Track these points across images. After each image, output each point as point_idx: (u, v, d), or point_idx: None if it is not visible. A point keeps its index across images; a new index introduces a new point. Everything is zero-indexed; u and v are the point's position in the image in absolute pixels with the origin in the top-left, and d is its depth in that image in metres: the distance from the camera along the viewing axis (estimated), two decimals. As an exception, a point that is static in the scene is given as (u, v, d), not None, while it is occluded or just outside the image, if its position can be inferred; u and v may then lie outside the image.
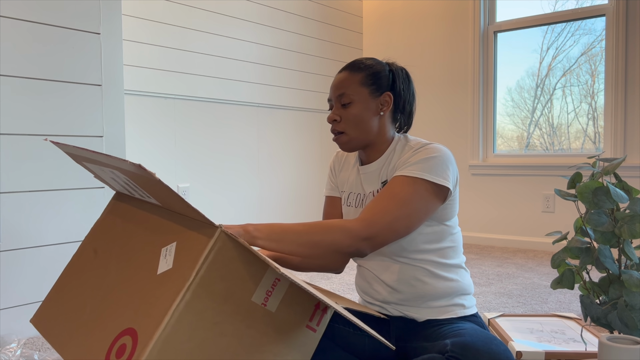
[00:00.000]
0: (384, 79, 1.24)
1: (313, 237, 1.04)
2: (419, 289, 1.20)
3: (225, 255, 0.83)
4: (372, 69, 1.24)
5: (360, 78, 1.22)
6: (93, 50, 2.06)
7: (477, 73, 3.76)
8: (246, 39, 3.36)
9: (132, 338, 0.82)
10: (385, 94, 1.23)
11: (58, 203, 1.97)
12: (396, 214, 1.09)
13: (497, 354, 0.97)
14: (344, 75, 1.24)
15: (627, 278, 1.41)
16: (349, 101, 1.21)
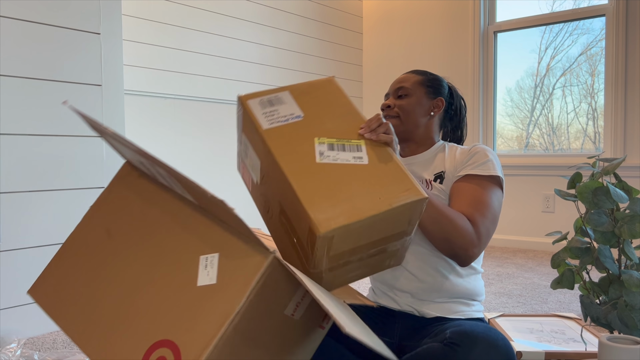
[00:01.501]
0: (441, 87, 1.38)
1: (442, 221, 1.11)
2: (438, 281, 1.21)
3: (273, 279, 0.85)
4: (432, 75, 1.39)
5: (420, 79, 1.36)
6: (93, 50, 2.06)
7: (477, 73, 3.76)
8: (246, 39, 3.36)
9: (172, 353, 0.81)
10: (438, 98, 1.35)
11: (58, 203, 1.97)
12: (490, 218, 1.18)
13: (495, 340, 0.98)
14: (406, 75, 1.37)
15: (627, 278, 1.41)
16: (405, 94, 1.32)
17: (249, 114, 1.04)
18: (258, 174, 1.07)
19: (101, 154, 2.09)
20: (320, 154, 0.99)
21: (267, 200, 1.06)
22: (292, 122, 1.04)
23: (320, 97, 1.11)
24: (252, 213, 3.62)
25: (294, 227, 0.96)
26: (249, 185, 1.16)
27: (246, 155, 1.11)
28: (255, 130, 1.02)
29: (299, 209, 0.91)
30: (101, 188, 2.09)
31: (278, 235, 1.06)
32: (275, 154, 0.97)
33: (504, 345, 0.99)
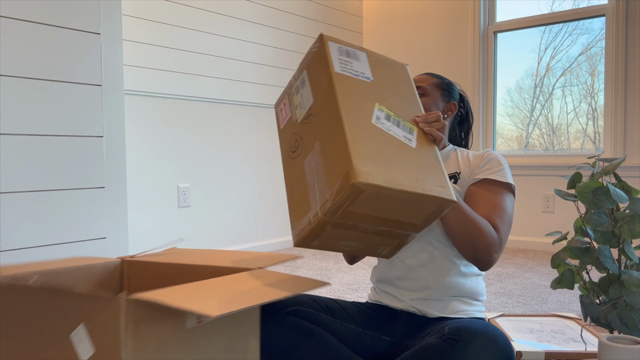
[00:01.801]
0: (455, 92, 1.44)
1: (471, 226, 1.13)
2: (442, 280, 1.22)
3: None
4: (447, 80, 1.44)
5: (437, 82, 1.41)
6: (93, 50, 2.06)
7: (477, 73, 3.76)
8: (246, 39, 3.36)
9: None
10: (452, 102, 1.40)
11: (58, 203, 1.97)
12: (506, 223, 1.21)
13: (493, 336, 0.98)
14: (422, 76, 1.42)
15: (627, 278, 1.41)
16: (423, 93, 1.36)
17: (324, 53, 1.04)
18: (303, 112, 1.06)
19: (101, 154, 2.09)
20: (377, 118, 1.01)
21: (300, 140, 1.05)
22: (361, 79, 1.05)
23: (391, 73, 1.13)
24: (252, 213, 3.63)
25: (325, 169, 0.95)
26: (283, 122, 1.14)
27: (297, 92, 1.10)
28: (325, 69, 1.02)
29: (341, 153, 0.92)
30: (101, 188, 2.09)
31: (295, 176, 1.05)
32: (338, 96, 0.97)
33: (503, 340, 0.99)
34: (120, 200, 2.16)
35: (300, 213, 1.00)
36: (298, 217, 1.00)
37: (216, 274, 1.06)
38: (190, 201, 3.06)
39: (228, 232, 3.29)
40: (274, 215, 3.60)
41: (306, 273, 2.86)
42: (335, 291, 2.47)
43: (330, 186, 0.93)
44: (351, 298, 2.34)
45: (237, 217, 3.35)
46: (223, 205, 3.26)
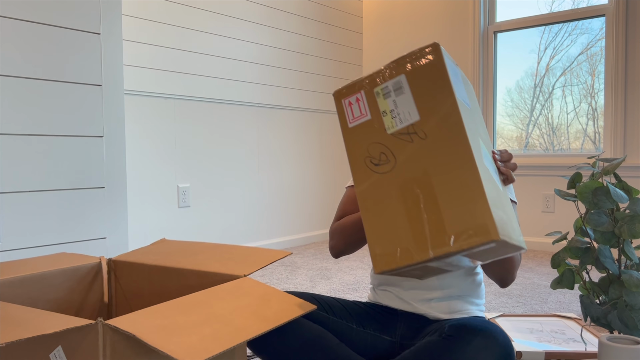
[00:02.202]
0: None
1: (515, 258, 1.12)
2: (449, 281, 1.22)
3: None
4: None
5: None
6: (93, 50, 2.06)
7: (477, 73, 3.76)
8: (246, 39, 3.36)
9: None
10: None
11: (58, 203, 1.97)
12: None
13: (493, 333, 0.98)
14: None
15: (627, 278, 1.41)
16: None
17: (442, 70, 0.93)
18: (400, 126, 0.96)
19: (101, 154, 2.09)
20: (482, 155, 0.95)
21: (390, 155, 0.96)
22: (466, 106, 0.97)
23: (472, 94, 1.06)
24: (252, 213, 3.62)
25: (443, 208, 0.88)
26: (354, 120, 1.02)
27: (386, 95, 0.98)
28: (445, 91, 0.91)
29: (472, 199, 0.86)
30: (101, 188, 2.09)
31: (380, 195, 0.96)
32: (468, 133, 0.89)
33: (503, 338, 0.99)
34: (120, 200, 2.16)
35: (388, 240, 0.92)
36: (384, 243, 0.93)
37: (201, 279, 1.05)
38: (190, 201, 3.06)
39: (228, 232, 3.29)
40: (274, 216, 3.60)
41: (306, 273, 2.86)
42: (335, 291, 2.47)
43: (452, 229, 0.86)
44: (351, 298, 2.34)
45: (237, 217, 3.35)
46: (223, 205, 3.26)
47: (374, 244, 0.94)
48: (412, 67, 0.96)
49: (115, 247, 2.10)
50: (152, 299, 1.14)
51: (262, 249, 1.19)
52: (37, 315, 0.77)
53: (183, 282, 1.11)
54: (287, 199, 3.71)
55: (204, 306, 0.83)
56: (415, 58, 0.96)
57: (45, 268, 1.11)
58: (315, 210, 3.93)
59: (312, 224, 3.92)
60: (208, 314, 0.81)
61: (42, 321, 0.74)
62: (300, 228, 3.83)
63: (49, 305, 1.10)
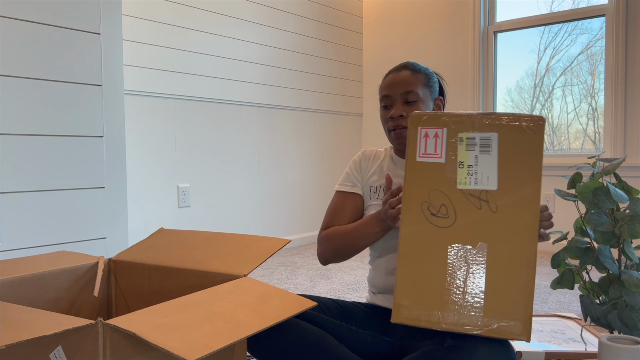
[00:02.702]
0: (436, 84, 1.33)
1: None
2: None
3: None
4: (428, 72, 1.32)
5: (423, 79, 1.29)
6: (93, 50, 2.06)
7: (477, 73, 3.76)
8: (246, 39, 3.36)
9: None
10: (438, 98, 1.32)
11: (58, 203, 1.97)
12: None
13: (496, 343, 0.97)
14: (407, 74, 1.28)
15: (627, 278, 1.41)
16: (415, 99, 1.25)
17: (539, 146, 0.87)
18: (472, 185, 0.89)
19: (101, 154, 2.09)
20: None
21: (452, 210, 0.89)
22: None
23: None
24: (252, 213, 3.62)
25: (487, 290, 0.86)
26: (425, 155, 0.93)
27: (470, 146, 0.90)
28: (532, 168, 0.86)
29: (518, 296, 0.86)
30: (101, 188, 2.09)
31: (427, 247, 0.90)
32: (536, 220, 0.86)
33: (505, 347, 0.98)
34: (120, 200, 2.16)
35: (419, 296, 0.89)
36: (414, 297, 0.89)
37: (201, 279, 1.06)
38: (190, 201, 3.06)
39: (228, 232, 3.29)
40: (274, 215, 3.60)
41: (306, 273, 2.86)
42: (335, 291, 2.47)
43: (489, 314, 0.85)
44: (351, 298, 2.34)
45: (237, 217, 3.35)
46: (223, 205, 3.26)
47: (402, 293, 0.89)
48: (509, 130, 0.88)
49: (115, 247, 2.10)
50: (151, 299, 1.15)
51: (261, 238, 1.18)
52: (37, 315, 0.77)
53: (183, 282, 1.11)
54: (287, 199, 3.71)
55: (204, 305, 0.83)
56: (516, 122, 0.88)
57: (44, 267, 1.12)
58: (315, 210, 3.92)
59: (312, 224, 3.92)
60: (208, 311, 0.81)
61: (42, 322, 0.74)
62: (300, 228, 3.83)
63: (48, 305, 1.10)
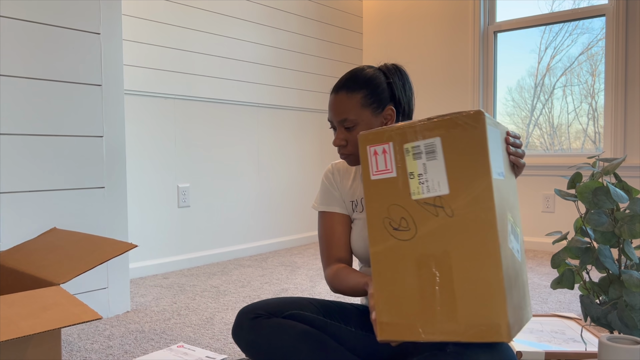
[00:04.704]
0: (383, 92, 1.20)
1: None
2: None
3: None
4: (371, 85, 1.19)
5: (360, 99, 1.18)
6: (93, 50, 2.06)
7: (477, 73, 3.76)
8: (246, 39, 3.36)
9: None
10: (387, 108, 1.21)
11: (58, 203, 1.97)
12: None
13: (498, 350, 0.97)
14: (342, 98, 1.19)
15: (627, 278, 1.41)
16: (353, 125, 1.18)
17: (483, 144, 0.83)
18: (426, 194, 0.87)
19: (101, 154, 2.09)
20: (510, 239, 0.87)
21: (411, 223, 0.89)
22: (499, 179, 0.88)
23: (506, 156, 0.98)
24: (253, 213, 3.61)
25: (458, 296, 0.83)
26: (377, 173, 0.93)
27: (417, 156, 0.89)
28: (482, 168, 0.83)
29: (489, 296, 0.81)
30: (101, 188, 2.09)
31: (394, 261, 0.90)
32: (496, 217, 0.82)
33: (507, 354, 0.98)
34: (120, 200, 2.16)
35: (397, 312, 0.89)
36: (393, 313, 0.89)
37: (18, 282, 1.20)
38: (190, 201, 3.06)
39: (228, 232, 3.29)
40: (274, 215, 3.60)
41: (306, 273, 2.86)
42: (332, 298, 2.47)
43: (464, 320, 0.83)
44: (351, 298, 2.34)
45: (237, 217, 3.35)
46: (223, 205, 3.26)
47: (381, 311, 0.89)
48: (450, 131, 0.86)
49: (115, 247, 2.10)
50: None
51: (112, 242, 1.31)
52: None
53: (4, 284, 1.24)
54: (287, 199, 3.71)
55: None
56: (455, 122, 0.86)
57: None
58: (315, 210, 3.92)
59: (312, 223, 3.92)
60: None
61: None
62: (300, 228, 3.83)
63: None
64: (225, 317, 2.06)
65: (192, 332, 1.88)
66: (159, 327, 1.95)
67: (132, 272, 2.74)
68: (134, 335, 1.87)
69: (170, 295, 2.41)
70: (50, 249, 1.35)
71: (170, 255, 2.97)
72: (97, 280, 2.07)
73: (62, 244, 1.38)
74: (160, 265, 2.90)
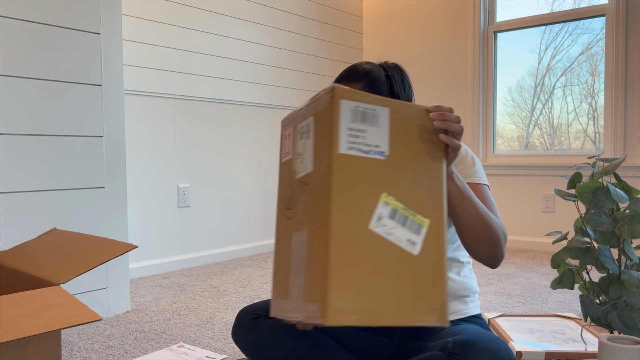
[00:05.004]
0: (382, 85, 1.22)
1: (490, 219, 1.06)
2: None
3: None
4: (369, 76, 1.21)
5: (360, 89, 1.19)
6: (93, 50, 2.06)
7: (477, 73, 3.76)
8: (246, 39, 3.36)
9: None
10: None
11: (58, 203, 1.97)
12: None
13: (498, 352, 0.97)
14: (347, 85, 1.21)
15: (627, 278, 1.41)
16: None
17: (333, 119, 0.83)
18: (301, 173, 0.89)
19: (101, 154, 2.09)
20: (378, 219, 0.83)
21: (294, 203, 0.91)
22: (372, 158, 0.85)
23: (416, 135, 0.90)
24: (253, 213, 3.61)
25: (307, 273, 0.83)
26: (284, 155, 0.96)
27: (301, 136, 0.91)
28: (328, 145, 0.83)
29: (320, 273, 0.79)
30: (101, 188, 2.09)
31: (282, 241, 0.92)
32: (333, 195, 0.80)
33: (508, 354, 0.98)
34: (120, 200, 2.16)
35: (280, 291, 0.90)
36: (278, 292, 0.91)
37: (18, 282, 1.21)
38: (190, 201, 3.06)
39: (228, 232, 3.29)
40: (274, 215, 3.60)
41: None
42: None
43: (307, 300, 0.81)
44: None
45: (237, 217, 3.35)
46: (223, 205, 3.26)
47: (273, 289, 0.92)
48: (318, 109, 0.87)
49: (115, 247, 2.10)
50: None
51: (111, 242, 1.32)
52: None
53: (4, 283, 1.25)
54: (287, 199, 3.71)
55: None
56: (320, 102, 0.87)
57: None
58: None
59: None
60: None
61: None
62: (301, 228, 3.82)
63: None
64: (225, 317, 2.06)
65: (192, 332, 1.88)
66: (159, 327, 1.95)
67: (132, 272, 2.74)
68: (134, 335, 1.87)
69: (170, 295, 2.41)
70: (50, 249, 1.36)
71: (170, 255, 2.97)
72: (97, 280, 2.07)
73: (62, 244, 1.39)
74: (160, 265, 2.90)
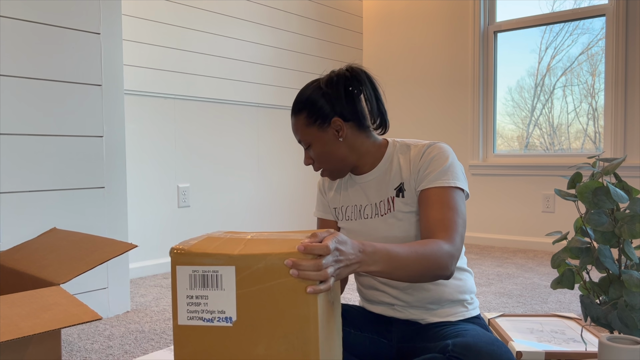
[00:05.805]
0: (323, 107, 1.22)
1: (427, 260, 1.00)
2: (430, 292, 1.19)
3: None
4: (307, 104, 1.22)
5: (304, 120, 1.21)
6: (93, 50, 2.06)
7: (477, 73, 3.76)
8: (246, 39, 3.36)
9: None
10: (333, 120, 1.20)
11: (58, 203, 1.97)
12: (460, 224, 1.09)
13: (499, 355, 0.97)
14: (293, 122, 1.24)
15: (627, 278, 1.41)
16: (308, 145, 1.22)
17: (172, 284, 0.81)
18: None
19: (101, 154, 2.09)
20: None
21: None
22: (216, 326, 0.80)
23: (274, 291, 0.78)
24: (253, 213, 3.62)
25: None
26: None
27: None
28: (174, 315, 0.81)
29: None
30: (101, 188, 2.09)
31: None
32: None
33: (508, 359, 0.98)
34: (120, 200, 2.16)
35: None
36: None
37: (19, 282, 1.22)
38: (190, 201, 3.06)
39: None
40: (274, 215, 3.60)
41: (306, 273, 2.85)
42: (335, 291, 2.47)
43: None
44: (351, 297, 2.33)
45: (237, 216, 3.35)
46: (223, 205, 3.26)
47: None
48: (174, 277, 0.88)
49: (115, 247, 2.10)
50: None
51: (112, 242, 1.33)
52: None
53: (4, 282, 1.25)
54: (288, 199, 3.71)
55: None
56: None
57: None
58: (315, 210, 3.92)
59: (313, 223, 3.92)
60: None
61: None
62: (300, 228, 3.82)
63: None
64: (225, 317, 2.06)
65: (192, 332, 1.88)
66: (159, 327, 1.95)
67: (132, 272, 2.74)
68: (134, 335, 1.87)
69: (170, 295, 2.41)
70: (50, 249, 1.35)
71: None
72: (97, 280, 2.07)
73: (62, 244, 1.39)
74: (160, 265, 2.90)
